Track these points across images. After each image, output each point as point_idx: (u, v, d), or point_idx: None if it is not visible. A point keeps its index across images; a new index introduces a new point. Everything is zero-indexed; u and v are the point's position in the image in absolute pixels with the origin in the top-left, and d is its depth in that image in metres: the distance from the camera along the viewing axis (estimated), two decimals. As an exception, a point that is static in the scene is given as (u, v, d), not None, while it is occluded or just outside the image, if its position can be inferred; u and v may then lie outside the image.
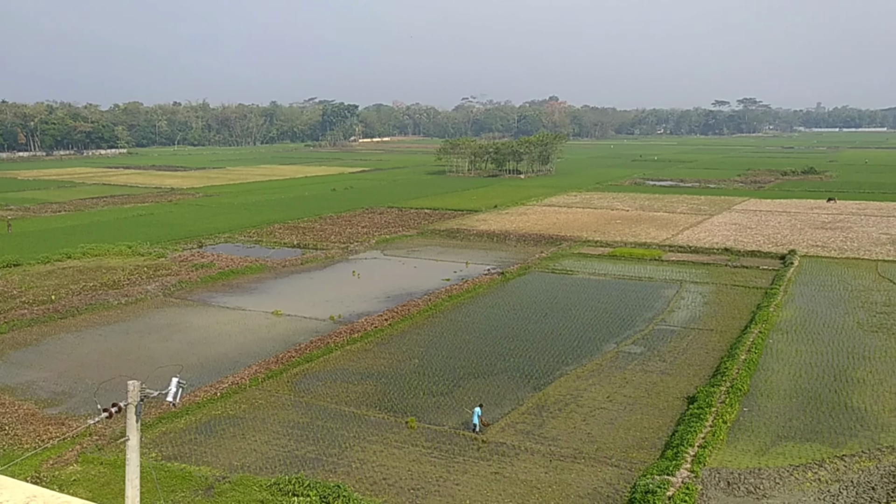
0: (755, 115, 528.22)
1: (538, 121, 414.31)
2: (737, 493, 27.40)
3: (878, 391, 37.17)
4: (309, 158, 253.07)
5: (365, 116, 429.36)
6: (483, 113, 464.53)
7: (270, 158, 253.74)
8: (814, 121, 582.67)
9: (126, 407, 17.41)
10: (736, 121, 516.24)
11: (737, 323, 49.77)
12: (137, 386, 17.58)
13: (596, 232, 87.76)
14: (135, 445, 17.67)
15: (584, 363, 42.27)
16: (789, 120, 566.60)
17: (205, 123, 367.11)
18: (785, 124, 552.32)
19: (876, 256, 71.81)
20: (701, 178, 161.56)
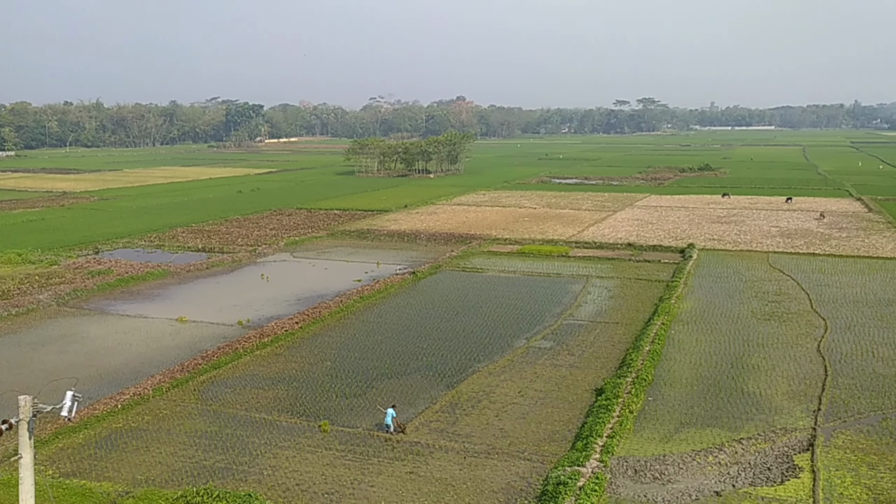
0: (654, 114, 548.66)
1: (446, 120, 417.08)
2: (643, 480, 28.32)
3: (771, 376, 39.19)
4: (213, 160, 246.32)
5: (271, 116, 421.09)
6: (391, 113, 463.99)
7: (171, 160, 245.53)
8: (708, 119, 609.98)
9: (18, 423, 16.43)
10: (636, 120, 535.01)
11: (641, 315, 51.46)
12: (29, 401, 16.63)
13: (505, 230, 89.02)
14: (28, 463, 16.71)
15: (495, 359, 42.76)
16: (686, 119, 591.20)
17: (99, 124, 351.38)
18: (682, 123, 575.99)
19: (767, 248, 75.76)
20: (604, 176, 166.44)
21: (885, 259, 69.45)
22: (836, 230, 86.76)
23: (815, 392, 36.75)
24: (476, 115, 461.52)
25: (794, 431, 32.31)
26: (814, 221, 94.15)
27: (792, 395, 36.44)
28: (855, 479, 27.98)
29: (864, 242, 78.30)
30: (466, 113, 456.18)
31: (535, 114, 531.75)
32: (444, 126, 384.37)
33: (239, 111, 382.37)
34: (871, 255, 71.54)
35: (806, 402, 35.50)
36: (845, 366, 40.49)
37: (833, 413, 34.22)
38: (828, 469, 28.79)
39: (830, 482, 27.78)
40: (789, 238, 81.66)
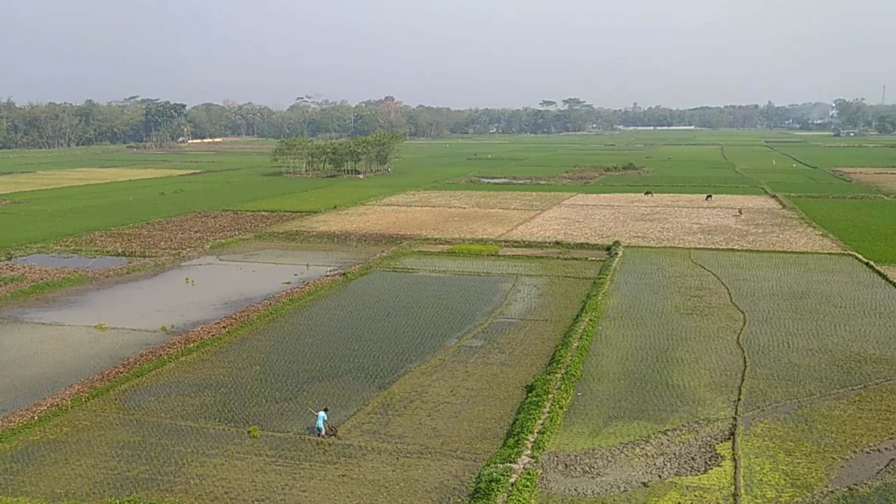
0: (579, 114, 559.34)
1: (375, 121, 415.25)
2: (574, 474, 28.80)
3: (694, 369, 40.43)
4: (132, 161, 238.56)
5: (194, 116, 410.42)
6: (319, 113, 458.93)
7: (88, 161, 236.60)
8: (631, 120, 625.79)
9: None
10: (562, 120, 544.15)
11: (569, 312, 52.32)
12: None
13: (435, 230, 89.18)
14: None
15: (427, 359, 42.77)
16: (610, 119, 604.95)
17: (10, 124, 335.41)
18: (606, 123, 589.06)
19: (689, 245, 78.16)
20: (532, 175, 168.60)
21: (799, 253, 72.58)
22: (753, 226, 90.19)
23: (736, 383, 38.10)
24: (405, 115, 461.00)
25: (716, 421, 33.41)
26: (732, 218, 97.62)
27: (714, 387, 37.67)
28: (773, 466, 29.13)
29: (779, 238, 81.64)
30: (395, 113, 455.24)
31: (464, 114, 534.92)
32: (372, 126, 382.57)
33: (159, 110, 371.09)
34: (786, 249, 74.65)
35: (727, 393, 36.76)
36: (763, 357, 42.11)
37: (752, 403, 35.54)
38: (748, 457, 29.88)
39: (751, 469, 28.84)
40: (710, 234, 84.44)
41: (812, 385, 37.67)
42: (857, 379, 38.43)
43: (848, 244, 76.18)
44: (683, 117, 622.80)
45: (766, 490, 27.29)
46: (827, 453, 30.17)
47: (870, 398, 35.88)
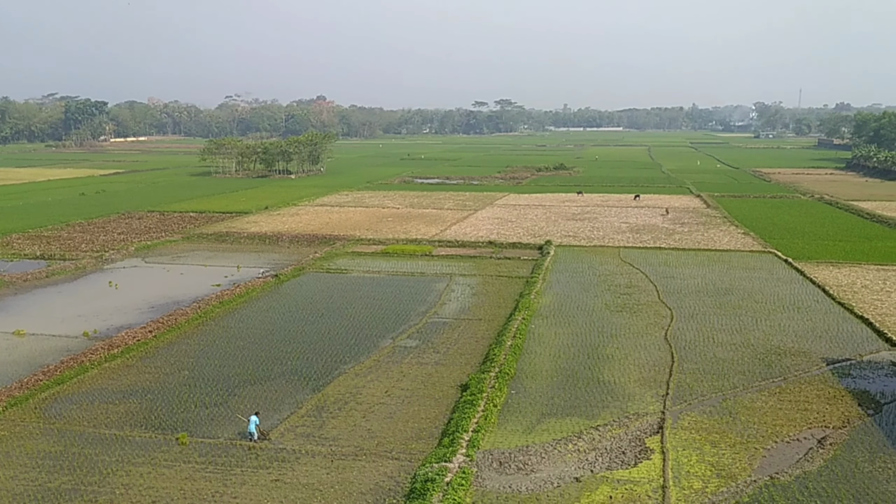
0: (511, 115, 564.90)
1: (307, 120, 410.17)
2: (508, 472, 29.05)
3: (624, 365, 41.33)
4: (51, 160, 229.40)
5: (117, 114, 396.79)
6: (249, 112, 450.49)
7: (4, 160, 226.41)
8: (562, 121, 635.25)
9: None
10: (494, 121, 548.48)
11: (503, 311, 52.77)
12: None
13: (368, 230, 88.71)
14: None
15: (362, 360, 42.48)
16: (541, 120, 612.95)
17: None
18: (538, 124, 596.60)
19: (618, 243, 79.88)
20: (465, 176, 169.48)
21: (722, 251, 75.04)
22: (679, 225, 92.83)
23: (664, 378, 39.11)
24: (337, 115, 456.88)
25: (645, 416, 34.22)
26: (659, 217, 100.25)
27: (643, 382, 38.58)
28: (700, 458, 30.01)
29: (704, 236, 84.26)
30: (327, 113, 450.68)
31: (397, 114, 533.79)
32: (304, 126, 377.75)
33: (80, 108, 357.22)
34: (710, 247, 77.08)
35: (655, 388, 37.70)
36: (689, 352, 43.35)
37: (679, 397, 36.55)
38: (676, 449, 30.71)
39: (678, 461, 29.64)
40: (638, 233, 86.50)
41: (736, 378, 38.97)
42: (778, 371, 39.95)
43: (768, 242, 79.17)
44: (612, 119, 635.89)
45: (693, 481, 28.10)
46: (750, 444, 31.26)
47: (789, 390, 37.34)
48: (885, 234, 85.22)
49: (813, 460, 29.74)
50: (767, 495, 27.03)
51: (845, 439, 31.64)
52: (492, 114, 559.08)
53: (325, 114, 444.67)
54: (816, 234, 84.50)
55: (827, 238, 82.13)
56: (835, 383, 38.17)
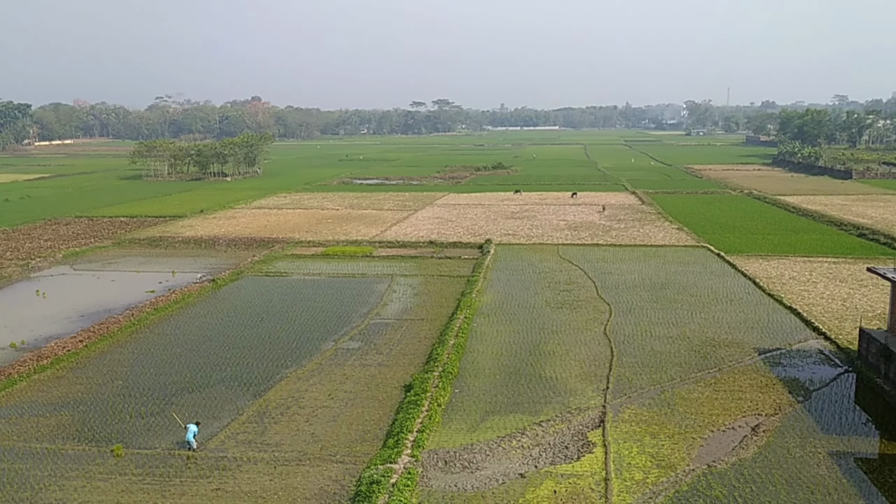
0: (449, 115, 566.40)
1: (242, 121, 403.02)
2: (453, 470, 29.10)
3: (565, 361, 41.88)
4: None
5: (41, 117, 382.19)
6: (181, 113, 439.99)
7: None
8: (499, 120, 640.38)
9: None
10: (432, 121, 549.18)
11: (445, 311, 52.85)
12: None
13: (308, 232, 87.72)
14: None
15: (304, 364, 41.96)
16: (479, 119, 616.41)
17: None
18: (475, 123, 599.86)
19: (557, 241, 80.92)
20: (404, 176, 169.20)
21: (658, 247, 76.78)
22: (616, 222, 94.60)
23: (604, 372, 39.78)
24: (273, 116, 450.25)
25: (586, 410, 34.74)
26: (596, 214, 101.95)
27: (584, 377, 39.16)
28: (640, 449, 30.63)
29: (640, 232, 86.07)
30: (263, 114, 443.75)
31: (334, 115, 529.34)
32: (239, 127, 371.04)
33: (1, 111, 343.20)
34: (646, 243, 78.80)
35: (596, 382, 38.31)
36: (628, 346, 44.20)
37: (619, 390, 37.23)
38: (617, 442, 31.27)
39: (620, 454, 30.19)
40: (576, 230, 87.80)
41: (673, 370, 39.91)
42: (713, 363, 41.08)
43: (701, 237, 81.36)
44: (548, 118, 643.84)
45: (634, 473, 28.65)
46: (688, 434, 32.05)
47: (724, 380, 38.44)
48: (810, 226, 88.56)
49: (747, 447, 30.67)
50: (705, 483, 27.76)
51: (777, 426, 32.75)
52: (430, 114, 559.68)
53: (261, 115, 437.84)
54: (746, 228, 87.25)
55: (756, 232, 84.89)
56: (766, 372, 39.47)
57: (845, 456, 30.02)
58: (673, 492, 27.18)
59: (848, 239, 79.52)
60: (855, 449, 30.81)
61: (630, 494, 27.05)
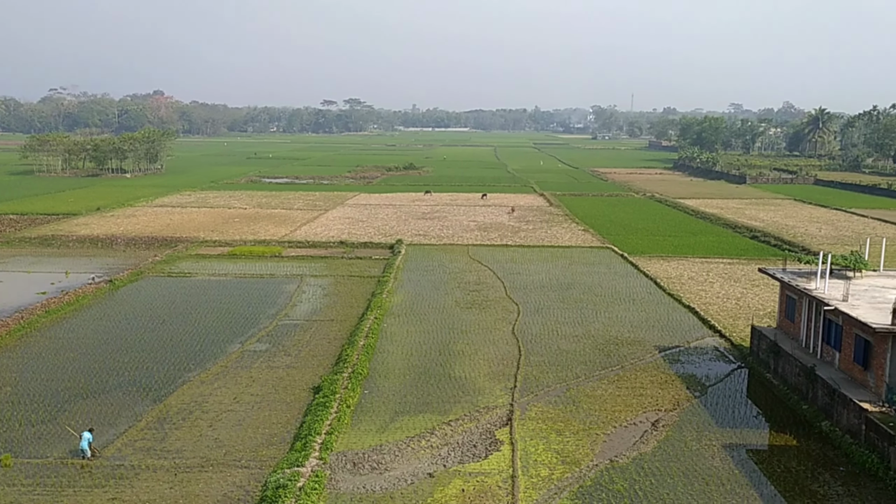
0: (361, 114, 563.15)
1: (143, 116, 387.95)
2: (362, 472, 28.88)
3: (474, 360, 42.26)
4: None
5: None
6: (77, 106, 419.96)
7: None
8: (411, 121, 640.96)
9: None
10: (344, 120, 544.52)
11: (355, 311, 52.43)
12: None
13: (214, 231, 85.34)
14: None
15: (208, 367, 40.73)
16: (390, 120, 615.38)
17: None
18: (387, 124, 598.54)
19: (467, 241, 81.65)
20: (315, 175, 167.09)
21: (564, 247, 78.58)
22: (524, 223, 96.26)
23: (512, 371, 40.37)
24: (177, 111, 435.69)
25: (495, 409, 35.16)
26: (506, 215, 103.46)
27: (492, 376, 39.63)
28: (546, 446, 31.23)
29: (547, 233, 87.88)
30: (166, 109, 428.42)
31: (242, 111, 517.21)
32: (140, 122, 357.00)
33: None
34: (553, 244, 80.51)
35: (504, 381, 38.83)
36: (535, 345, 45.02)
37: (527, 388, 37.86)
38: (524, 440, 31.78)
39: (526, 451, 30.70)
40: (486, 231, 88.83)
41: (578, 368, 40.90)
42: (616, 360, 42.35)
43: (606, 238, 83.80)
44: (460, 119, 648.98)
45: (540, 469, 29.19)
46: (592, 430, 32.91)
47: (626, 377, 39.68)
48: (707, 229, 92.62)
49: (648, 442, 31.76)
50: (608, 478, 28.56)
51: (676, 421, 34.05)
52: (341, 113, 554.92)
53: (164, 109, 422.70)
54: (648, 230, 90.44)
55: (658, 233, 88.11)
56: (666, 369, 40.99)
57: (738, 448, 31.51)
58: (577, 487, 27.84)
59: (742, 241, 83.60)
60: (747, 441, 32.39)
61: (536, 491, 27.53)
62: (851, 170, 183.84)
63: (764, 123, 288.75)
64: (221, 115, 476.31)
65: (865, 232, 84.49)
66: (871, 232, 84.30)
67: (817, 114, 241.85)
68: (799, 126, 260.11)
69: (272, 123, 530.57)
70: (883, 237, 54.91)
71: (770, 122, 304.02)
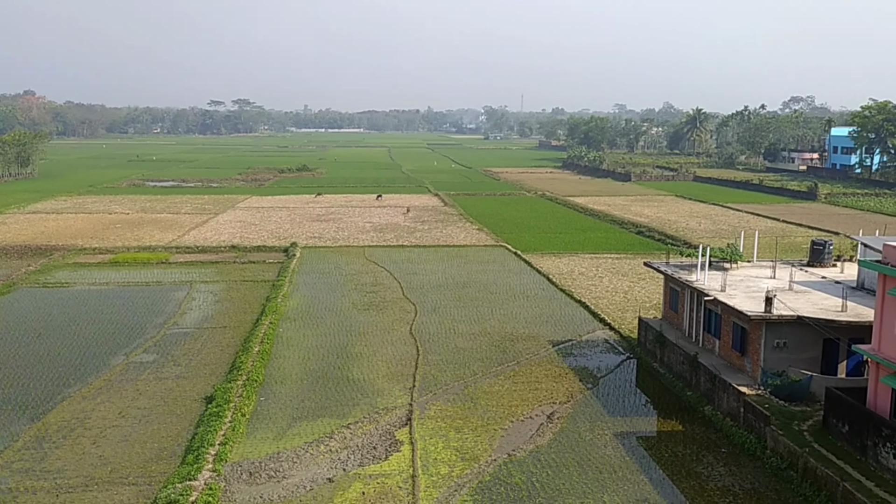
0: (250, 115, 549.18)
1: (12, 118, 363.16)
2: (259, 481, 28.17)
3: (372, 362, 42.04)
4: None
5: None
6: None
7: None
8: (303, 122, 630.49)
9: None
10: (233, 121, 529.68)
11: (249, 317, 51.09)
12: None
13: (94, 238, 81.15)
14: None
15: (90, 381, 38.66)
16: (282, 121, 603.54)
17: None
18: (278, 125, 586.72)
19: (363, 243, 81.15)
20: (203, 178, 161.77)
21: (460, 247, 79.40)
22: (420, 223, 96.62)
23: (410, 371, 40.41)
24: (50, 112, 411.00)
25: (394, 409, 35.10)
26: (401, 216, 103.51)
27: (391, 377, 39.55)
28: (446, 444, 31.44)
29: (443, 233, 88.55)
30: (38, 109, 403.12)
31: (122, 112, 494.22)
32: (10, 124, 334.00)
33: None
34: (449, 243, 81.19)
35: (403, 381, 38.83)
36: (433, 344, 45.25)
37: (425, 388, 38.00)
38: (423, 439, 31.88)
39: (426, 450, 30.79)
40: (381, 232, 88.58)
41: (475, 366, 41.41)
42: (511, 356, 43.14)
43: (500, 236, 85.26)
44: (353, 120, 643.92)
45: (440, 467, 29.35)
46: (490, 426, 33.39)
47: (522, 372, 40.50)
48: (596, 225, 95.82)
49: (544, 435, 32.52)
50: (506, 472, 29.05)
51: (570, 413, 35.04)
52: (229, 113, 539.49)
53: (36, 110, 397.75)
54: (540, 228, 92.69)
55: (549, 231, 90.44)
56: (560, 362, 42.12)
57: (628, 436, 32.76)
58: (476, 483, 28.16)
59: (628, 236, 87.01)
60: (636, 429, 33.73)
61: (436, 489, 27.66)
62: (726, 166, 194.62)
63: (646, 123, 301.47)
64: (99, 115, 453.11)
65: (740, 225, 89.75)
66: (745, 225, 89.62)
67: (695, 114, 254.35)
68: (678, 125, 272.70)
69: (155, 124, 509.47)
70: (755, 230, 58.42)
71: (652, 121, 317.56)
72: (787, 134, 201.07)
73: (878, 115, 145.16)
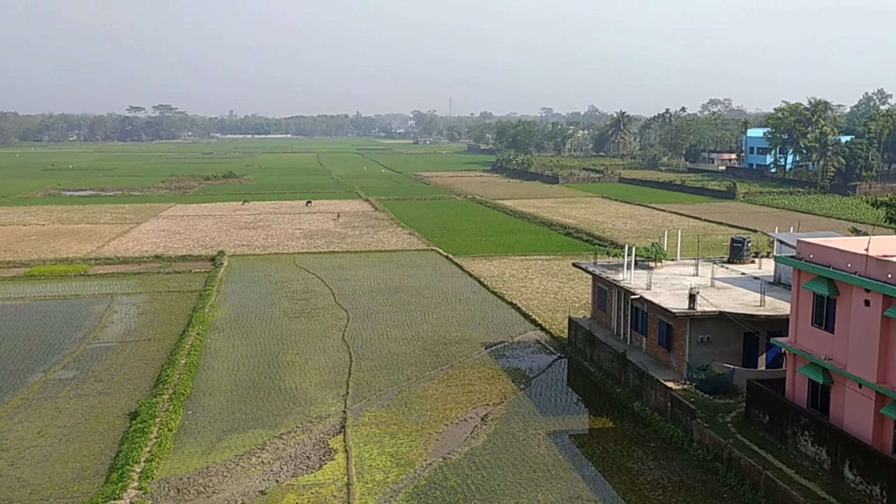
0: (173, 121, 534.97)
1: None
2: (187, 498, 27.39)
3: (304, 370, 41.44)
4: None
5: None
6: None
7: None
8: (228, 128, 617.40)
9: None
10: (154, 127, 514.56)
11: (175, 329, 49.67)
12: None
13: (7, 251, 77.59)
14: None
15: (5, 401, 36.92)
16: (206, 126, 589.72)
17: None
18: (203, 131, 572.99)
19: (293, 250, 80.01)
20: (124, 186, 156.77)
21: (391, 252, 79.15)
22: (351, 229, 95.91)
23: (343, 378, 40.02)
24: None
25: (327, 417, 34.69)
26: (332, 222, 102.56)
27: (324, 385, 39.06)
28: (380, 450, 31.23)
29: (374, 238, 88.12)
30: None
31: (36, 119, 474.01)
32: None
33: None
34: (380, 248, 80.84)
35: (336, 389, 38.41)
36: (366, 350, 44.92)
37: (359, 394, 37.68)
38: (358, 446, 31.59)
39: (361, 457, 30.53)
40: (312, 239, 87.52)
41: (409, 370, 41.29)
42: (445, 360, 43.20)
43: (431, 241, 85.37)
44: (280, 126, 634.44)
45: (375, 474, 29.13)
46: (424, 430, 33.34)
47: (455, 375, 40.60)
48: (525, 228, 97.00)
49: (478, 437, 32.67)
50: (441, 475, 29.05)
51: (503, 413, 35.31)
52: (150, 120, 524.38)
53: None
54: (471, 231, 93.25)
55: (480, 234, 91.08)
56: (493, 364, 42.40)
57: (561, 434, 33.22)
58: (412, 488, 28.06)
59: (557, 238, 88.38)
60: (569, 427, 34.25)
61: (371, 496, 27.43)
62: (650, 168, 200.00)
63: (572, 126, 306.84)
64: (11, 123, 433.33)
65: (664, 225, 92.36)
66: (668, 225, 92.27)
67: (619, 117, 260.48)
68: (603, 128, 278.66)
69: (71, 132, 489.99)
70: (679, 229, 60.13)
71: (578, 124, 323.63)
72: (707, 135, 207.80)
73: (790, 117, 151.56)
